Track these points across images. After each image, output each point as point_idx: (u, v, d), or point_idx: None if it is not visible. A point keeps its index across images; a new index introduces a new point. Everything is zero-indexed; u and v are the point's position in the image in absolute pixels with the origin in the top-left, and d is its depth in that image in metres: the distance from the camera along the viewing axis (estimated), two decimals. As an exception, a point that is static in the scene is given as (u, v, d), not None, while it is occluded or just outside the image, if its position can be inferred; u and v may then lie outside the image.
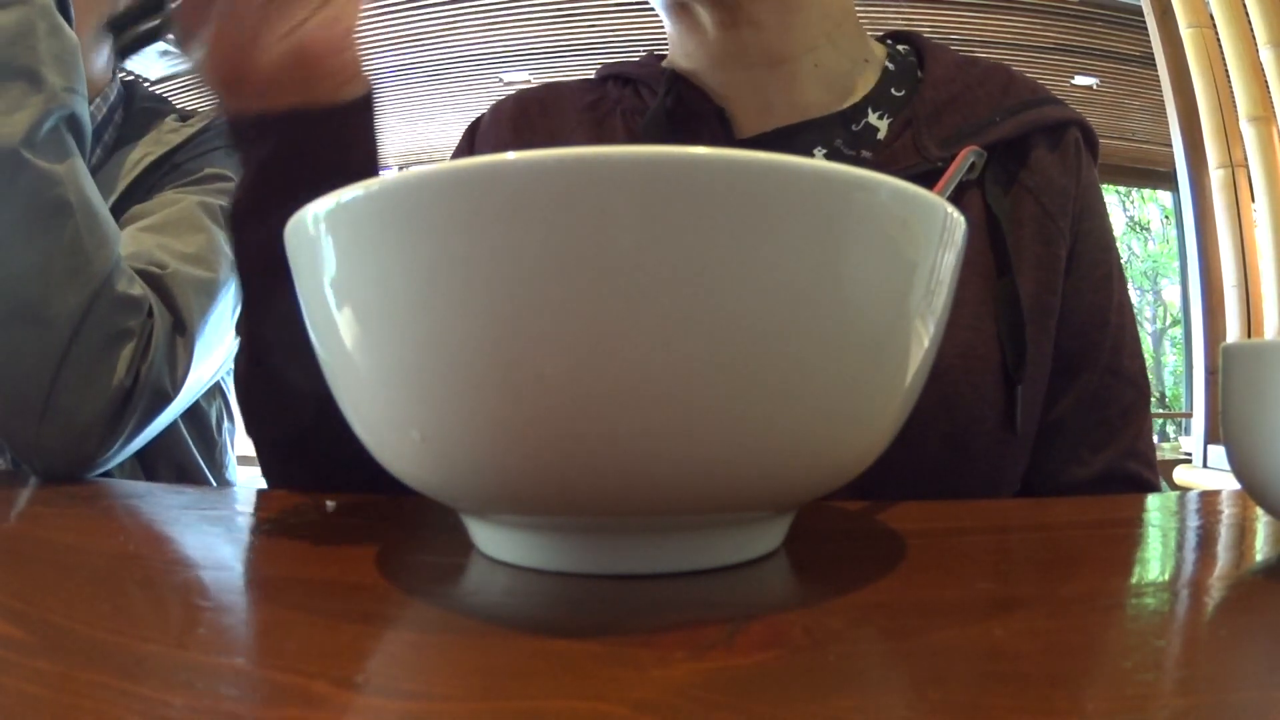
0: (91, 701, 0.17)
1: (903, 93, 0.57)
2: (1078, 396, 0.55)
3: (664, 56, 0.63)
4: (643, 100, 0.59)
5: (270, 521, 0.39)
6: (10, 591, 0.26)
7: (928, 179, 0.49)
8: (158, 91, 0.85)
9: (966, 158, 0.38)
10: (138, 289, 0.58)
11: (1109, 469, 0.55)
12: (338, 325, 0.25)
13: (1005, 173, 0.54)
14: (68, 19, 0.58)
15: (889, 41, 0.62)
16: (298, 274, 0.27)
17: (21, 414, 0.54)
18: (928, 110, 0.54)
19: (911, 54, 0.60)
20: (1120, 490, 0.55)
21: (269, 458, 0.51)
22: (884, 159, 0.53)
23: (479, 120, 0.64)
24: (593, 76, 0.64)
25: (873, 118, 0.56)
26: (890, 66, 0.58)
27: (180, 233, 0.66)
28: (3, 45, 0.54)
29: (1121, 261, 0.59)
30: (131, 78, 0.83)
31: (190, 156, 0.74)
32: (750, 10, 0.55)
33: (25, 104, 0.54)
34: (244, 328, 0.49)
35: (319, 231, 0.25)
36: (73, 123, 0.57)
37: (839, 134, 0.55)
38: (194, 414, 0.78)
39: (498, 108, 0.63)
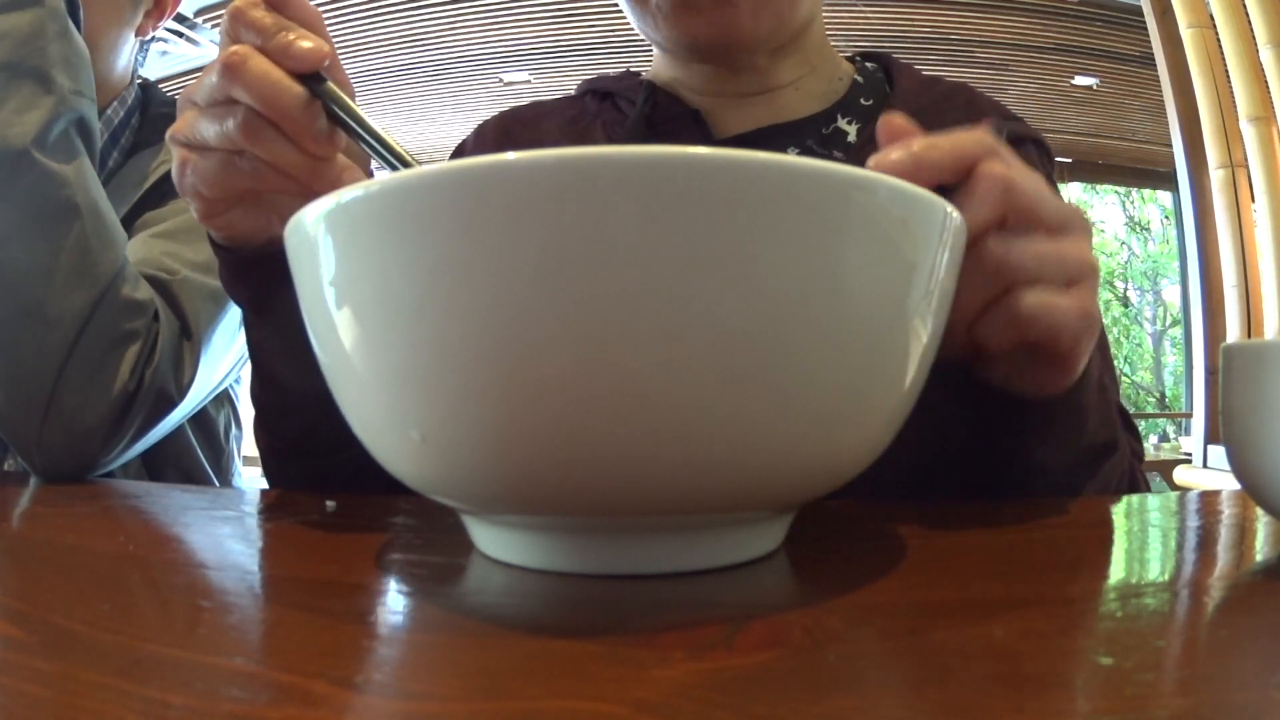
0: (91, 701, 0.17)
1: (871, 102, 0.60)
2: None
3: (640, 73, 0.66)
4: (621, 113, 0.62)
5: (270, 521, 0.39)
6: (10, 591, 0.26)
7: None
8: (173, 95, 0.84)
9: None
10: (143, 293, 0.58)
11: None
12: (337, 326, 0.25)
13: None
14: (77, 24, 0.58)
15: (857, 59, 0.65)
16: (297, 274, 0.27)
17: (25, 413, 0.54)
18: None
19: (879, 71, 0.63)
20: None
21: (273, 461, 0.51)
22: (856, 162, 0.54)
23: (464, 142, 0.66)
24: (572, 93, 0.67)
25: (842, 123, 0.59)
26: (859, 80, 0.61)
27: (191, 240, 0.66)
28: (14, 46, 0.55)
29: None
30: (149, 81, 0.83)
31: None
32: (749, 60, 0.58)
33: (36, 105, 0.54)
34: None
35: (319, 231, 0.25)
36: (81, 125, 0.57)
37: (812, 136, 0.58)
38: (202, 421, 0.78)
39: (481, 128, 0.65)
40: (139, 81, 0.81)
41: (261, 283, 0.43)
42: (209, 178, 0.38)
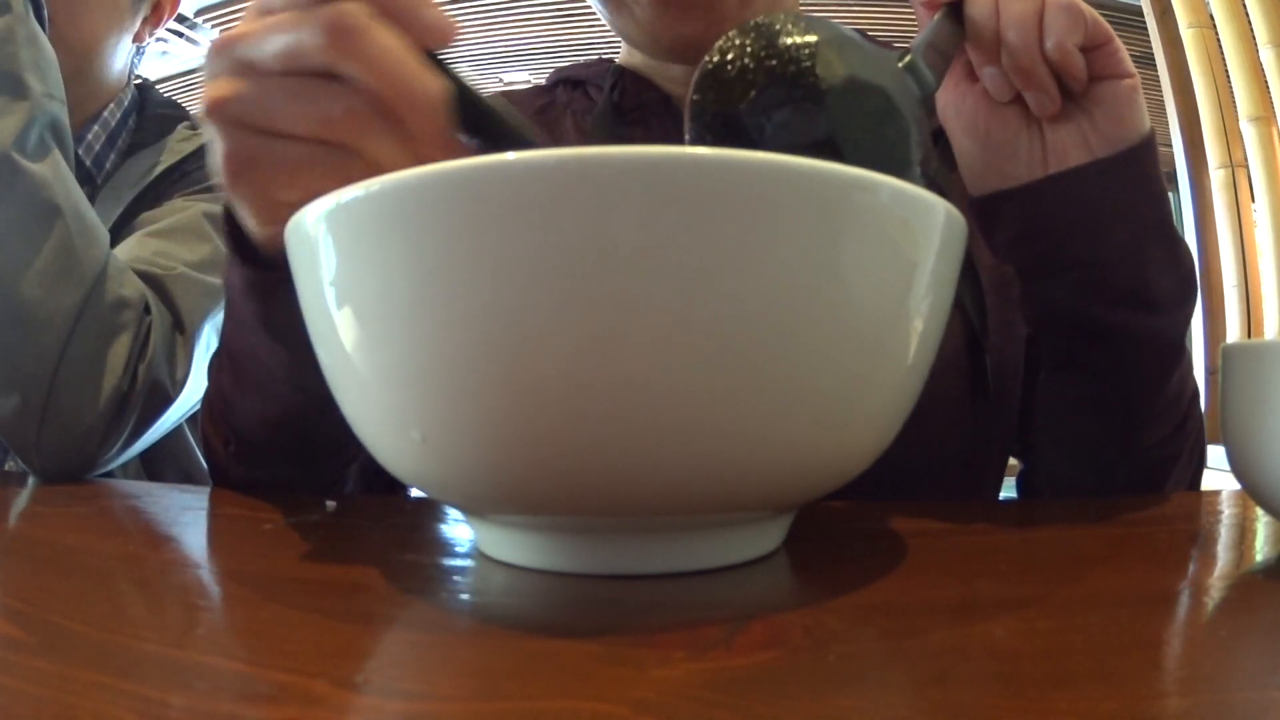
0: (91, 701, 0.17)
1: None
2: None
3: (612, 59, 0.64)
4: (591, 101, 0.60)
5: (270, 521, 0.39)
6: (10, 591, 0.26)
7: None
8: (170, 96, 0.85)
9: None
10: (130, 288, 0.58)
11: None
12: (337, 326, 0.25)
13: (952, 156, 0.55)
14: (43, 26, 0.59)
15: None
16: (298, 274, 0.27)
17: (23, 416, 0.54)
18: None
19: None
20: None
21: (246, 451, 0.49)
22: None
23: None
24: (543, 82, 0.65)
25: None
26: None
27: (186, 240, 0.66)
28: None
29: None
30: (146, 82, 0.84)
31: (199, 165, 0.74)
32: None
33: (11, 110, 0.55)
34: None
35: (319, 231, 0.25)
36: (54, 127, 0.58)
37: None
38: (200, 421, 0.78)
39: None
40: (136, 82, 0.81)
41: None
42: (288, 176, 0.29)
